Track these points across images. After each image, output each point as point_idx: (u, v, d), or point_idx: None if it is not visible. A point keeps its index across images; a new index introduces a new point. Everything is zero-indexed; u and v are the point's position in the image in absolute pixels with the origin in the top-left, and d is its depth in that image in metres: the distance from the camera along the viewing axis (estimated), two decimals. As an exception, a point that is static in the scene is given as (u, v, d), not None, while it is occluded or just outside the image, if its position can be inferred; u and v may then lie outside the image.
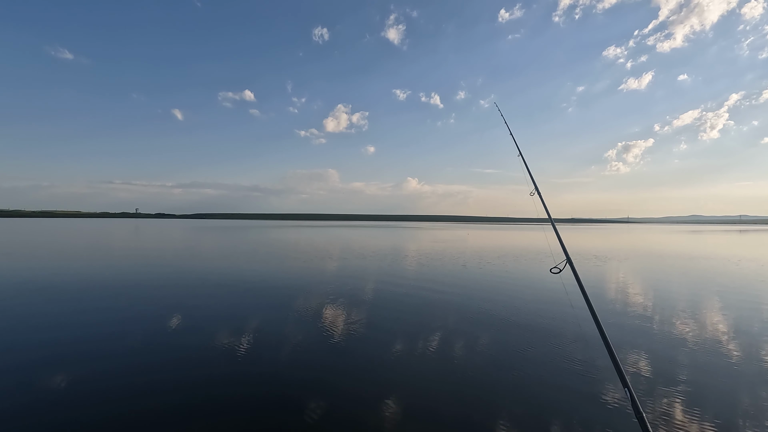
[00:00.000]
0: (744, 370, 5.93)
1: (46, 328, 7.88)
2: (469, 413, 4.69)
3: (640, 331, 7.94)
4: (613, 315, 9.23)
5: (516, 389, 5.32)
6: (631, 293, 12.01)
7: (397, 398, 5.03)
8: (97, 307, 9.64)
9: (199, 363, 6.12)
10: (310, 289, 12.16)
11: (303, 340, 7.28)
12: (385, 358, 6.47)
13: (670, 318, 8.97)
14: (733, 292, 12.17)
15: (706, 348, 6.91)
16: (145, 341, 7.13)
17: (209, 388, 5.25)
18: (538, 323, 8.46)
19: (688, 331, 7.90)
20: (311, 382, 5.49)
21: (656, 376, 5.64)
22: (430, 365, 6.17)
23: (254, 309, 9.60)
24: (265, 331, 7.84)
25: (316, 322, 8.49)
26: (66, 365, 6.00)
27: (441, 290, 12.23)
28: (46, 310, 9.27)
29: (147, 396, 5.01)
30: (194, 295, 11.17)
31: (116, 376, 5.61)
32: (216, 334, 7.51)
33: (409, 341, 7.25)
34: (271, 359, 6.33)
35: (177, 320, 8.52)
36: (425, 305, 10.21)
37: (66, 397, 4.98)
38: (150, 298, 10.67)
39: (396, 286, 13.00)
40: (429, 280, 14.32)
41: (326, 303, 10.22)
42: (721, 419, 4.50)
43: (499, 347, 6.99)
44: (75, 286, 12.48)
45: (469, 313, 9.31)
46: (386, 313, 9.28)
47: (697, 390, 5.21)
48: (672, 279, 15.00)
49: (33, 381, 5.43)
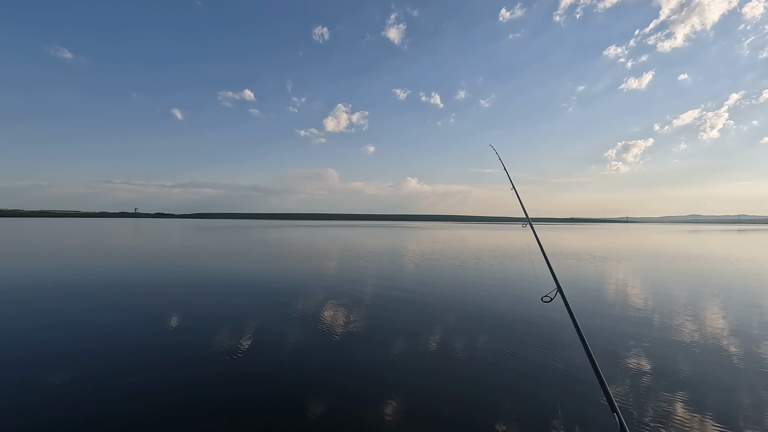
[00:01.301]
0: (742, 376, 5.80)
1: (46, 327, 7.90)
2: (470, 413, 4.68)
3: (632, 333, 7.97)
4: (608, 317, 9.31)
5: (517, 389, 5.29)
6: (629, 293, 12.08)
7: (397, 398, 5.02)
8: (96, 307, 9.69)
9: (198, 362, 6.12)
10: (309, 289, 12.22)
11: (303, 340, 7.29)
12: (385, 357, 6.48)
13: (668, 320, 9.04)
14: (732, 292, 12.25)
15: (703, 352, 6.77)
16: (145, 341, 7.15)
17: (209, 387, 5.25)
18: (538, 322, 8.52)
19: (684, 334, 7.94)
20: (311, 381, 5.48)
21: (650, 392, 5.34)
22: (429, 364, 6.17)
23: (254, 309, 9.66)
24: (264, 330, 7.85)
25: (315, 321, 8.53)
26: (65, 365, 5.99)
27: (440, 290, 12.29)
28: (45, 310, 9.31)
29: (147, 396, 5.00)
30: (194, 295, 11.22)
31: (116, 375, 5.61)
32: (215, 333, 7.54)
33: (409, 341, 7.27)
34: (271, 359, 6.33)
35: (176, 320, 8.56)
36: (424, 305, 10.27)
37: (66, 396, 4.97)
38: (149, 298, 10.72)
39: (395, 286, 13.06)
40: (428, 280, 14.39)
41: (326, 303, 10.29)
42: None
43: (499, 347, 6.98)
44: (74, 285, 12.52)
45: (468, 313, 9.37)
46: (385, 313, 9.35)
47: (694, 399, 5.04)
48: (670, 279, 15.06)
49: (33, 380, 5.42)
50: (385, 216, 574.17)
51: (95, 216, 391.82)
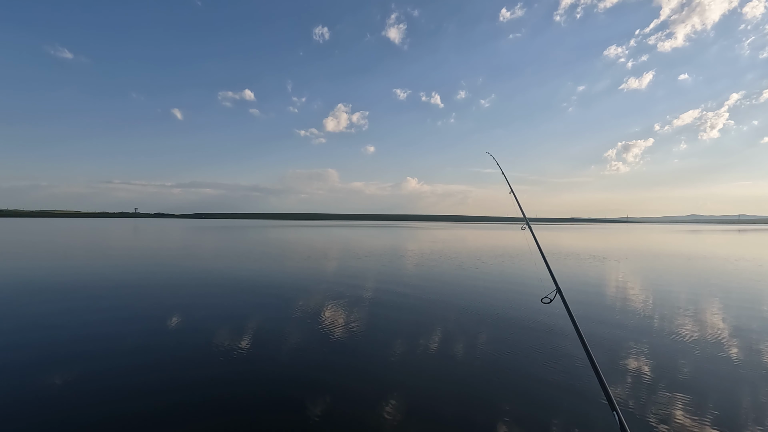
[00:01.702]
0: (743, 376, 5.78)
1: (45, 327, 7.90)
2: (470, 413, 4.68)
3: (631, 333, 7.97)
4: (607, 317, 9.31)
5: (517, 389, 5.31)
6: (628, 294, 12.08)
7: (397, 398, 5.03)
8: (95, 307, 9.68)
9: (198, 363, 6.13)
10: (309, 289, 12.22)
11: (303, 340, 7.30)
12: (385, 357, 6.50)
13: (667, 319, 9.04)
14: (731, 293, 12.25)
15: (702, 352, 6.79)
16: (145, 341, 7.15)
17: (209, 388, 5.26)
18: (538, 322, 8.52)
19: (684, 334, 7.94)
20: (311, 381, 5.49)
21: (650, 391, 5.36)
22: (429, 364, 6.18)
23: (254, 309, 9.66)
24: (264, 330, 7.86)
25: (315, 321, 8.53)
26: (65, 365, 6.01)
27: (439, 290, 12.29)
28: (45, 310, 9.30)
29: (147, 396, 5.00)
30: (193, 295, 11.23)
31: (116, 375, 5.62)
32: (215, 333, 7.54)
33: (409, 341, 7.29)
34: (270, 359, 6.35)
35: (176, 320, 8.56)
36: (424, 305, 10.26)
37: (65, 396, 4.98)
38: (149, 298, 10.72)
39: (395, 286, 13.06)
40: (428, 280, 14.39)
41: (325, 303, 10.28)
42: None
43: (499, 347, 6.98)
44: (73, 285, 12.51)
45: (468, 314, 9.37)
46: (385, 313, 9.35)
47: (694, 400, 5.03)
48: (669, 279, 15.06)
49: (33, 381, 5.43)
50: (384, 216, 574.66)
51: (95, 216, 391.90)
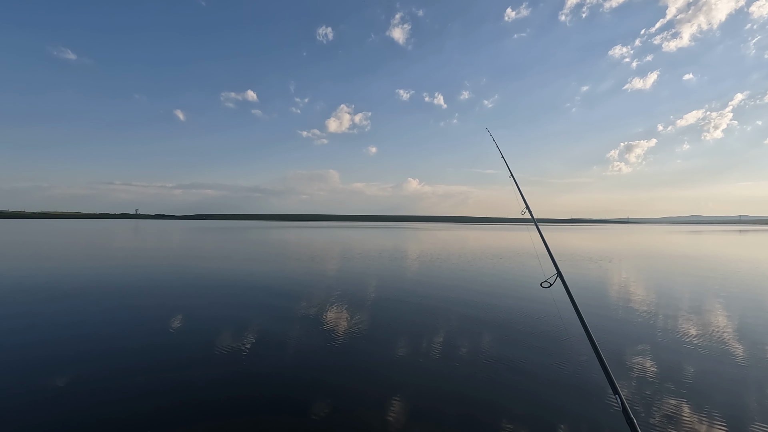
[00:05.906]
0: (744, 374, 5.82)
1: (47, 327, 7.96)
2: (474, 413, 4.67)
3: (632, 331, 8.05)
4: (607, 316, 9.38)
5: (521, 389, 5.29)
6: (626, 294, 12.14)
7: (400, 398, 5.03)
8: (97, 307, 9.76)
9: (201, 363, 6.14)
10: (310, 290, 12.30)
11: (304, 340, 7.30)
12: (387, 357, 6.51)
13: (671, 318, 9.10)
14: (731, 293, 12.30)
15: (707, 350, 6.85)
16: (146, 341, 7.17)
17: (210, 388, 5.26)
18: (542, 323, 8.58)
19: (683, 332, 7.99)
20: (313, 382, 5.49)
21: (650, 379, 5.56)
22: (432, 364, 6.17)
23: (254, 309, 9.73)
24: (266, 331, 7.88)
25: (317, 322, 8.58)
26: (66, 365, 6.02)
27: (441, 290, 12.37)
28: (46, 310, 9.39)
29: (148, 396, 5.01)
30: (195, 296, 11.31)
31: (117, 376, 5.62)
32: (217, 334, 7.57)
33: (411, 341, 7.30)
34: (272, 359, 6.35)
35: (178, 321, 8.62)
36: (426, 305, 10.33)
37: (67, 396, 4.99)
38: (150, 299, 10.81)
39: (396, 286, 13.15)
40: (429, 280, 14.48)
41: (327, 303, 10.36)
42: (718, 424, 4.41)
43: (502, 347, 6.99)
44: (74, 286, 12.60)
45: (470, 313, 9.44)
46: (387, 313, 9.42)
47: (692, 394, 5.11)
48: (669, 279, 15.13)
49: (34, 381, 5.44)
50: (385, 217, 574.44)
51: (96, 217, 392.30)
